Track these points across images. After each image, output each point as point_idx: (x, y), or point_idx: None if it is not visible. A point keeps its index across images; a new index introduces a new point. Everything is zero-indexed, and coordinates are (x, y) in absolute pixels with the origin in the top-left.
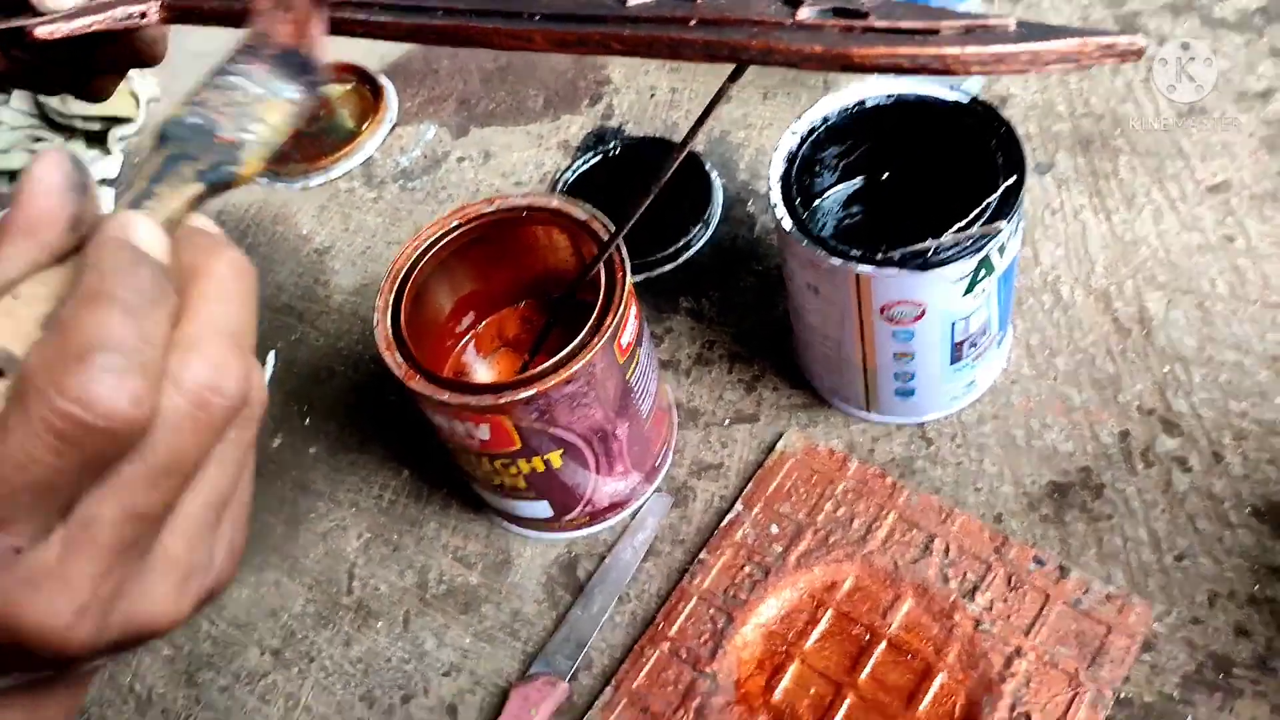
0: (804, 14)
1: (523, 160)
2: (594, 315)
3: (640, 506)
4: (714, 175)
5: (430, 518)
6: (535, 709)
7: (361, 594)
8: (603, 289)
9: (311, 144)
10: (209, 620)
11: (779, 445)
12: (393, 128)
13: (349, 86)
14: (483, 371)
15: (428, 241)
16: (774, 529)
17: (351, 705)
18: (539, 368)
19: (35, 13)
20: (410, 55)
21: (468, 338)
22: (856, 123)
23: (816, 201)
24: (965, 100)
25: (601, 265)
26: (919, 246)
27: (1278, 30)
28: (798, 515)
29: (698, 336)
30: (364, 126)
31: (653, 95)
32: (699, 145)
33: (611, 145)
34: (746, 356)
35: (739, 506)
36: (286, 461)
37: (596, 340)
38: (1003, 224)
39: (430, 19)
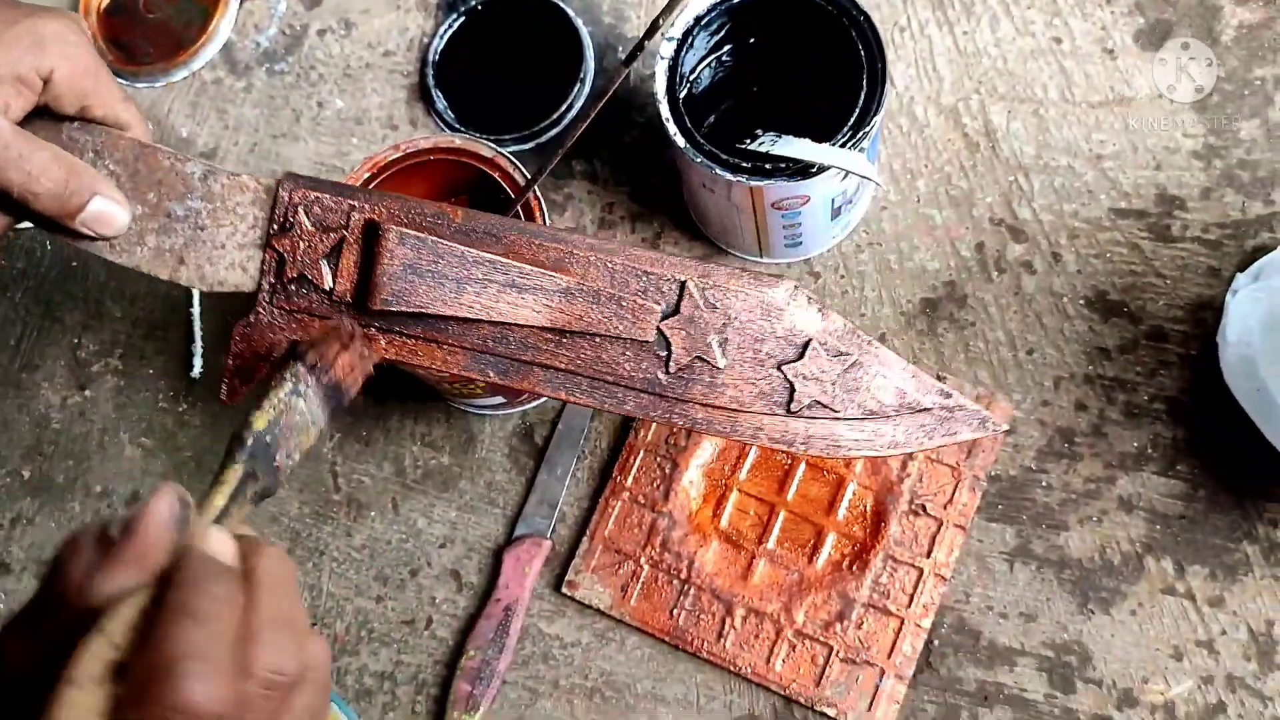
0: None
1: (385, 27)
2: None
3: None
4: (582, 28)
5: (392, 410)
6: (528, 567)
7: (349, 489)
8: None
9: (162, 35)
10: None
11: None
12: (241, 3)
13: None
14: None
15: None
16: None
17: (368, 585)
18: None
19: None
20: None
21: None
22: (727, 16)
23: (696, 88)
24: None
25: (519, 208)
26: (800, 155)
27: None
28: None
29: (597, 200)
30: (214, 7)
31: None
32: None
33: (474, 2)
34: (646, 215)
35: None
36: None
37: None
38: (876, 120)
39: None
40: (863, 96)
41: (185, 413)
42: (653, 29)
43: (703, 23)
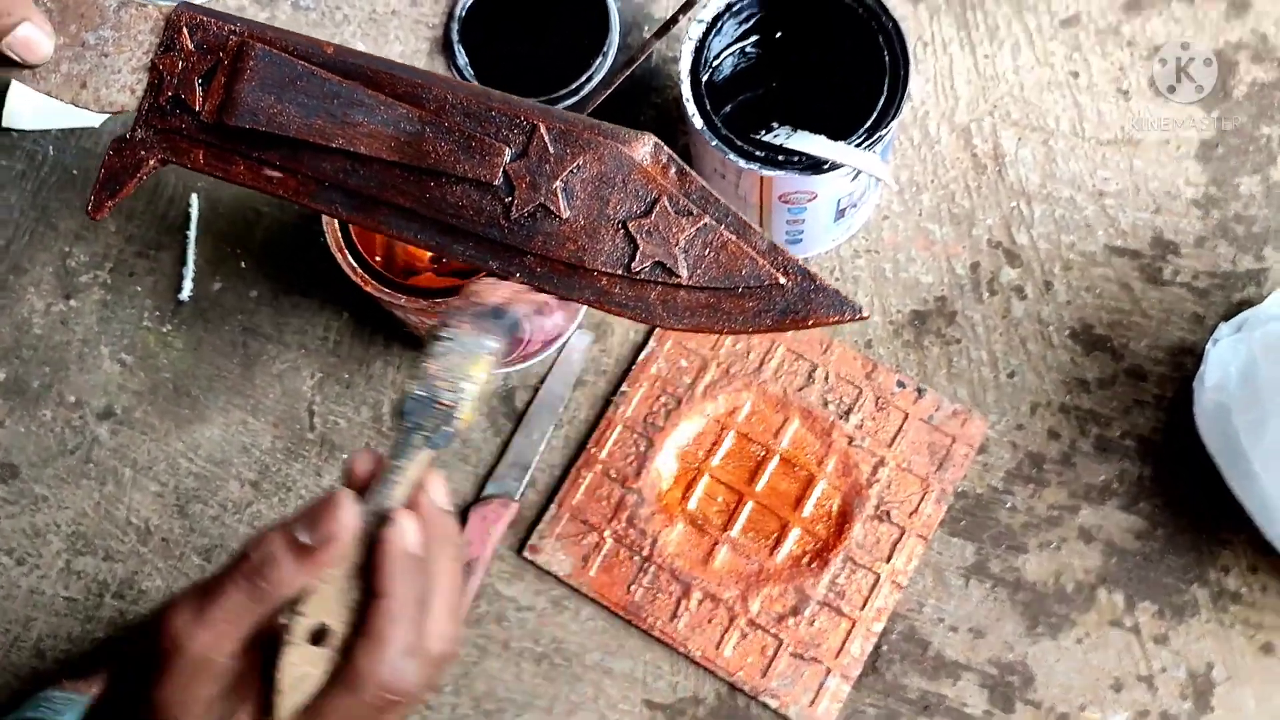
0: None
1: None
2: None
3: (565, 342)
4: (611, 1)
5: (376, 356)
6: (493, 526)
7: (323, 429)
8: None
9: None
10: (187, 459)
11: None
12: None
13: None
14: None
15: None
16: (683, 363)
17: None
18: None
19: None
20: None
21: None
22: (758, 6)
23: (718, 75)
24: None
25: None
26: (814, 151)
27: None
28: (702, 350)
29: None
30: None
31: None
32: None
33: None
34: None
35: (652, 343)
36: (230, 305)
37: None
38: (893, 124)
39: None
40: (882, 100)
41: (169, 334)
42: (687, 5)
43: (733, 9)
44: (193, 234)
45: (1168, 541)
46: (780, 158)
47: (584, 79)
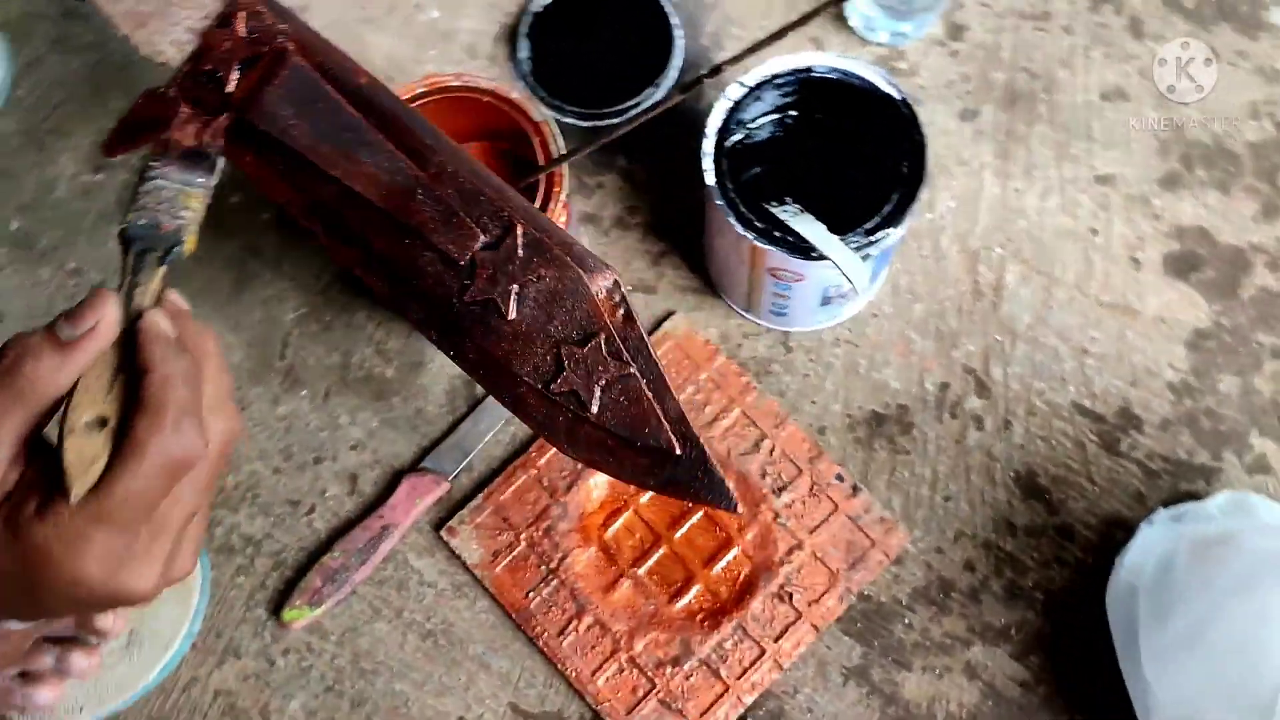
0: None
1: None
2: None
3: None
4: (678, 34)
5: (360, 308)
6: (420, 498)
7: (293, 361)
8: (539, 200)
9: None
10: None
11: (666, 324)
12: None
13: None
14: None
15: None
16: None
17: (271, 455)
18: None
19: None
20: None
21: None
22: (801, 85)
23: (753, 137)
24: (898, 98)
25: (541, 176)
26: (808, 236)
27: (1222, 30)
28: None
29: (623, 199)
30: None
31: None
32: None
33: None
34: (660, 229)
35: None
36: (240, 224)
37: None
38: (890, 231)
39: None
40: (888, 208)
41: None
42: (720, 66)
43: (776, 81)
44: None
45: (1046, 700)
46: (777, 233)
47: (630, 104)
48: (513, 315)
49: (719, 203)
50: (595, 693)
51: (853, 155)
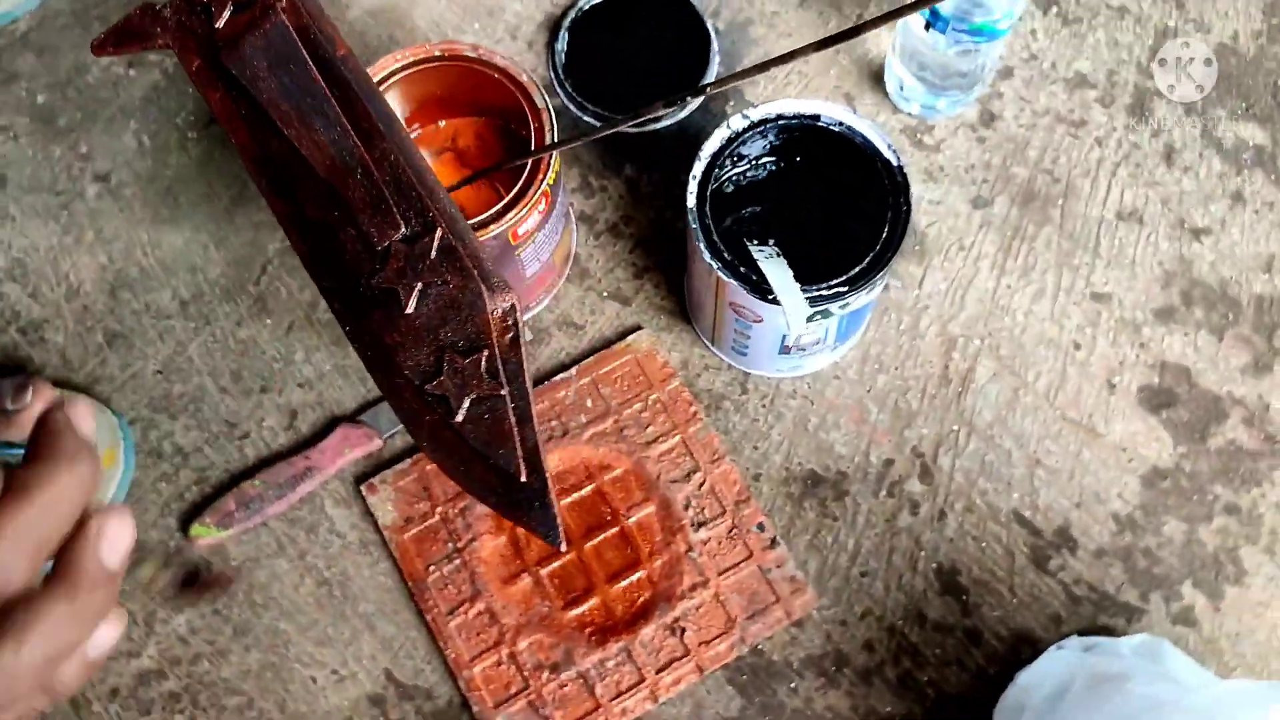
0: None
1: None
2: (499, 205)
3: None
4: (715, 59)
5: None
6: (349, 448)
7: (266, 289)
8: (519, 183)
9: None
10: (143, 251)
11: (630, 337)
12: None
13: None
14: None
15: (384, 71)
16: (588, 402)
17: (222, 373)
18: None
19: None
20: None
21: (416, 131)
22: (801, 131)
23: (754, 172)
24: (895, 162)
25: (529, 161)
26: (769, 276)
27: (1255, 177)
28: (612, 401)
29: (622, 208)
30: None
31: None
32: (719, 20)
33: None
34: (649, 244)
35: (574, 370)
36: None
37: (494, 226)
38: (850, 297)
39: None
40: (853, 271)
41: (191, 141)
42: (705, 87)
43: (780, 121)
44: None
45: None
46: (742, 269)
47: (650, 117)
48: (410, 310)
49: (694, 226)
50: (469, 679)
51: (850, 212)
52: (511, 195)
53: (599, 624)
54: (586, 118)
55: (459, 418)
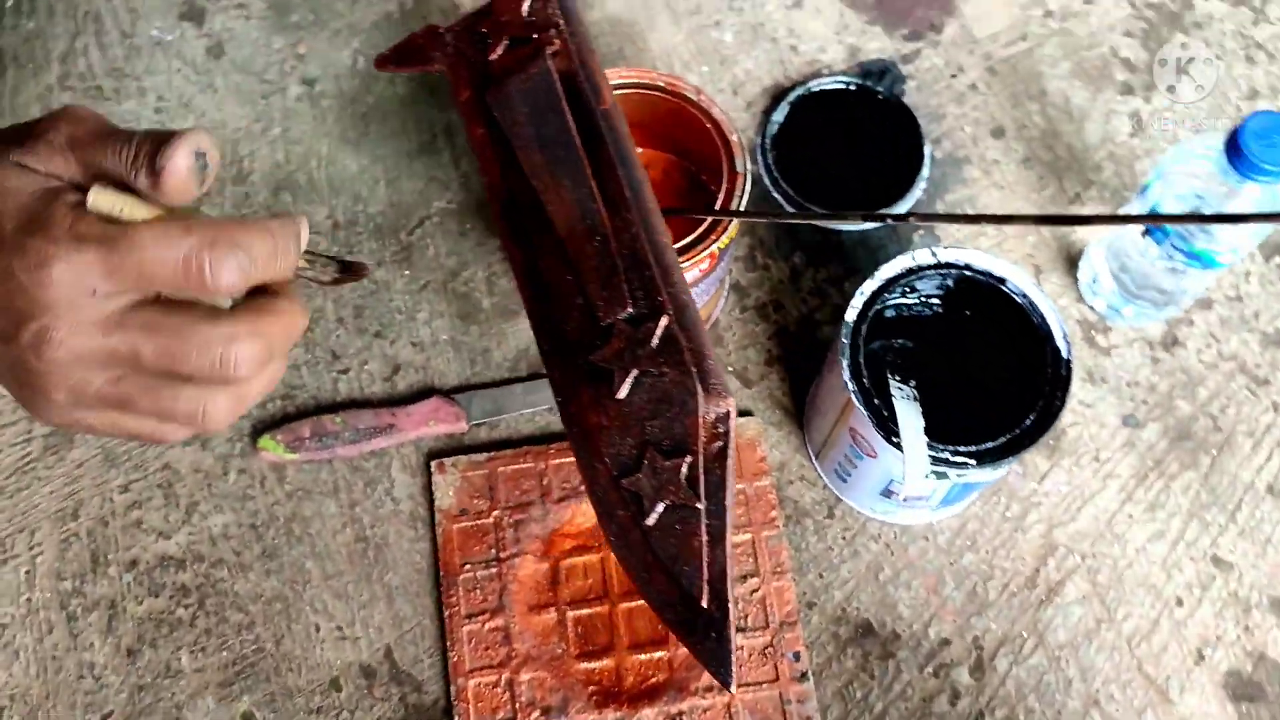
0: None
1: (833, 32)
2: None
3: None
4: (921, 184)
5: (499, 242)
6: (436, 422)
7: (416, 241)
8: (692, 236)
9: None
10: (318, 163)
11: (739, 420)
12: None
13: None
14: None
15: None
16: None
17: (346, 305)
18: None
19: None
20: None
21: None
22: (978, 284)
23: (908, 306)
24: (1064, 354)
25: (708, 223)
26: (900, 419)
27: None
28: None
29: (778, 292)
30: None
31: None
32: (938, 149)
33: (882, 90)
34: (790, 336)
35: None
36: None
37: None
38: (972, 470)
39: None
40: (985, 445)
41: (401, 79)
42: (920, 216)
43: (974, 271)
44: None
45: None
46: (876, 399)
47: (838, 227)
48: (621, 395)
49: (844, 342)
50: (462, 688)
51: (1000, 383)
52: (681, 245)
53: (605, 686)
54: (777, 195)
55: (650, 520)
